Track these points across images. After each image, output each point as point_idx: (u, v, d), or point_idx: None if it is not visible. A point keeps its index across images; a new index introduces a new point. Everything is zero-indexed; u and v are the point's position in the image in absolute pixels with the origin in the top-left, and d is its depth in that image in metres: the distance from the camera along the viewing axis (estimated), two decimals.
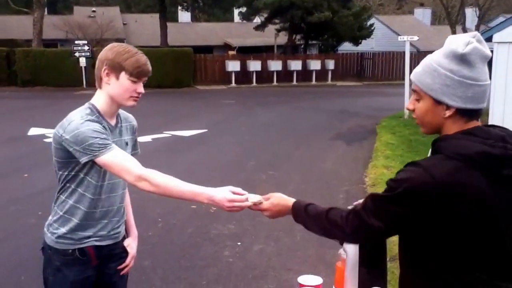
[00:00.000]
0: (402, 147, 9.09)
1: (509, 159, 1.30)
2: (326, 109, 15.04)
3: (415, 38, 12.90)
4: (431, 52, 1.48)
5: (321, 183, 6.69)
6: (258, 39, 28.38)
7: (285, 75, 24.73)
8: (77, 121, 1.89)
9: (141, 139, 10.07)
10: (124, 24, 30.62)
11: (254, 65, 23.97)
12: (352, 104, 16.43)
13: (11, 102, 16.35)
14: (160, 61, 22.01)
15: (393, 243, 1.91)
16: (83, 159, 1.87)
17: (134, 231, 2.34)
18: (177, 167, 7.64)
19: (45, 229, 2.05)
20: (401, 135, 10.31)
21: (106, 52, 1.98)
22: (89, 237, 2.01)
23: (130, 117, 2.21)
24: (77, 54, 21.11)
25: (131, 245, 2.25)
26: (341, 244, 1.71)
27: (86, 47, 21.13)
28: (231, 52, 27.03)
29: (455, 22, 14.57)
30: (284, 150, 9.06)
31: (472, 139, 1.32)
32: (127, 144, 2.11)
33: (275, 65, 24.36)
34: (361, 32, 26.99)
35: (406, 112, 13.05)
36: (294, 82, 24.67)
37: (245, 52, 26.32)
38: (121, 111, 2.12)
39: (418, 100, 1.44)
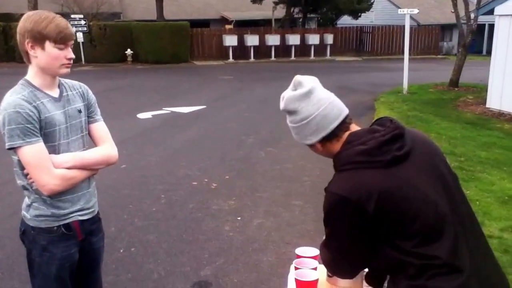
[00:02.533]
0: None
1: (381, 146, 1.46)
2: (324, 85, 14.67)
3: (415, 11, 12.87)
4: (431, 26, 1.58)
5: (320, 160, 6.82)
6: (256, 12, 28.14)
7: (283, 50, 24.66)
8: (6, 100, 1.87)
9: (141, 115, 10.33)
10: None
11: (252, 40, 23.88)
12: (350, 79, 16.49)
13: (9, 79, 16.26)
14: (158, 36, 21.96)
15: None
16: (6, 145, 1.86)
17: None
18: (177, 144, 7.80)
19: (24, 212, 2.05)
20: (399, 111, 10.44)
21: (24, 23, 1.89)
22: (71, 212, 2.03)
23: (77, 84, 2.13)
24: (74, 29, 20.96)
25: None
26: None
27: (83, 22, 21.00)
28: (228, 26, 26.84)
29: None
30: (282, 127, 9.09)
31: (348, 147, 1.50)
32: (80, 111, 2.06)
33: (273, 40, 24.26)
34: (361, 5, 26.80)
35: (405, 87, 13.15)
36: (292, 57, 24.62)
37: (242, 26, 26.16)
38: (66, 80, 2.09)
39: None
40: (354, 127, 1.58)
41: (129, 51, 21.80)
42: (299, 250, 2.03)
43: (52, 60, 1.92)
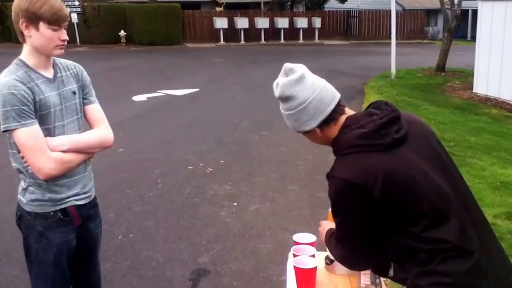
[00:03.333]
0: None
1: (380, 129, 1.41)
2: (314, 68, 14.53)
3: None
4: (416, 10, 1.49)
5: (312, 143, 6.73)
6: None
7: (273, 33, 24.29)
8: (1, 81, 1.78)
9: (136, 98, 10.11)
10: None
11: (242, 22, 23.46)
12: (339, 63, 16.30)
13: (5, 60, 15.83)
14: (151, 17, 21.48)
15: None
16: (1, 127, 1.78)
17: None
18: (172, 127, 7.63)
19: (20, 197, 1.96)
20: (388, 96, 10.32)
21: (19, 2, 1.83)
22: (67, 197, 1.94)
23: (71, 64, 2.04)
24: (68, 10, 20.42)
25: None
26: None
27: (77, 2, 20.39)
28: (218, 9, 26.35)
29: None
30: (275, 110, 8.87)
31: (347, 131, 1.45)
32: (74, 93, 1.97)
33: (262, 23, 23.84)
34: None
35: (393, 72, 13.02)
36: (282, 41, 24.27)
37: (232, 8, 25.68)
38: (61, 60, 2.00)
39: (306, 137, 1.62)
40: (349, 111, 1.55)
41: (122, 33, 21.29)
42: (296, 236, 1.98)
43: (46, 41, 1.84)
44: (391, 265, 1.49)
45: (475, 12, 24.60)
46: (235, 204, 4.60)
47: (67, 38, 1.89)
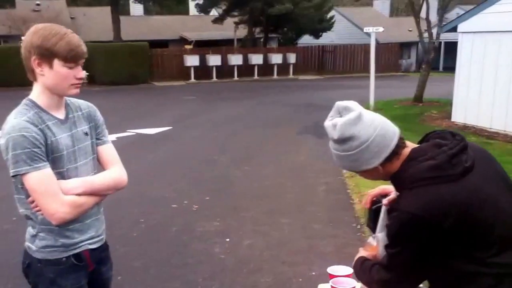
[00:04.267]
0: None
1: (451, 159, 1.44)
2: (290, 103, 15.29)
3: (381, 29, 13.31)
4: (390, 44, 1.58)
5: (298, 177, 6.86)
6: (216, 32, 28.31)
7: (246, 69, 24.84)
8: (10, 123, 1.75)
9: None
10: (71, 18, 29.74)
11: (214, 60, 23.94)
12: (315, 97, 16.76)
13: None
14: (114, 57, 21.67)
15: None
16: (10, 172, 1.75)
17: None
18: (148, 165, 7.61)
19: (29, 244, 1.92)
20: None
21: (31, 37, 1.77)
22: (81, 241, 1.93)
23: (83, 104, 2.01)
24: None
25: None
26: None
27: None
28: (187, 46, 26.82)
29: (419, 12, 15.05)
30: (254, 145, 9.20)
31: (414, 163, 1.46)
32: (87, 134, 1.95)
33: (235, 59, 24.42)
34: (322, 25, 27.51)
35: (371, 103, 13.47)
36: (256, 77, 24.83)
37: (202, 46, 26.21)
38: (72, 100, 1.97)
39: (361, 175, 1.62)
40: (409, 143, 1.56)
41: (84, 73, 21.28)
42: (331, 269, 1.99)
43: (60, 80, 1.80)
44: None
45: (447, 44, 25.90)
46: (227, 240, 4.60)
47: (83, 76, 1.86)
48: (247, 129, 11.02)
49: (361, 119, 1.49)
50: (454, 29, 11.03)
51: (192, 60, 23.53)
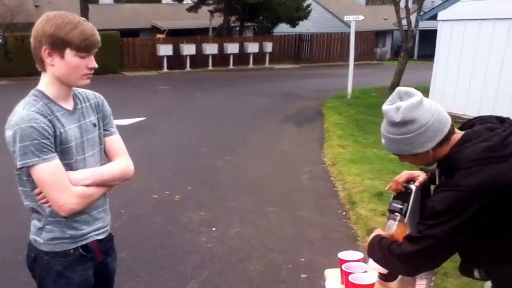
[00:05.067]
0: (351, 126, 9.54)
1: (503, 140, 1.58)
2: (269, 93, 15.34)
3: (361, 17, 13.43)
4: (366, 32, 1.68)
5: (282, 166, 6.92)
6: (190, 21, 28.03)
7: (221, 58, 24.71)
8: (19, 114, 1.73)
9: None
10: (36, 6, 28.99)
11: (188, 49, 23.71)
12: (294, 86, 16.85)
13: None
14: None
15: None
16: (18, 164, 1.73)
17: None
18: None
19: (34, 237, 1.91)
20: (347, 115, 10.79)
21: (42, 26, 1.73)
22: (89, 232, 1.93)
23: (91, 94, 2.00)
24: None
25: None
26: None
27: None
28: (160, 36, 26.52)
29: (399, 0, 15.21)
30: (235, 135, 9.21)
31: (469, 145, 1.59)
32: (95, 125, 1.96)
33: (210, 49, 24.24)
34: (299, 13, 27.52)
35: (349, 92, 13.65)
36: (231, 66, 24.74)
37: (175, 36, 25.95)
38: (80, 90, 1.96)
39: (407, 159, 1.73)
40: (458, 131, 1.68)
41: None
42: (342, 254, 2.02)
43: (71, 70, 1.78)
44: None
45: (422, 32, 26.33)
46: (214, 229, 4.63)
47: (95, 65, 1.81)
48: (227, 119, 11.01)
49: (422, 104, 1.60)
50: (432, 18, 11.22)
51: (165, 50, 23.28)
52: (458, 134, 1.65)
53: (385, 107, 1.65)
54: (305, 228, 4.60)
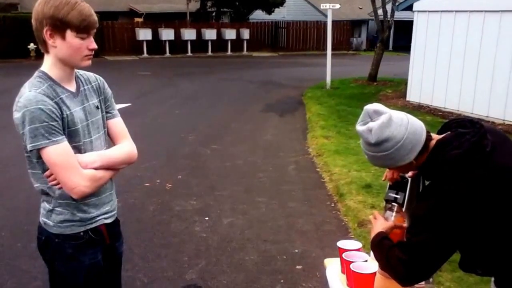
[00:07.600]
0: (333, 117, 9.62)
1: (475, 146, 1.59)
2: (249, 80, 15.31)
3: (337, 6, 13.39)
4: (342, 22, 1.70)
5: (268, 155, 6.97)
6: (167, 5, 27.61)
7: (200, 44, 24.51)
8: (26, 96, 1.72)
9: None
10: None
11: (167, 34, 23.44)
12: (273, 75, 16.86)
13: None
14: None
15: None
16: (28, 146, 1.73)
17: None
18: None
19: (44, 219, 1.91)
20: (328, 106, 10.87)
21: (42, 8, 1.73)
22: (97, 215, 1.93)
23: (92, 76, 2.00)
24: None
25: None
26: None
27: None
28: (138, 19, 26.05)
29: None
30: (219, 123, 9.20)
31: (442, 153, 1.61)
32: (97, 107, 1.94)
33: (189, 34, 24.00)
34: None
35: (328, 82, 13.73)
36: (209, 53, 24.58)
37: (153, 19, 25.52)
38: (81, 72, 1.96)
39: (394, 170, 1.87)
40: (434, 135, 1.70)
41: (32, 46, 20.27)
42: (341, 243, 2.07)
43: (73, 51, 1.78)
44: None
45: (397, 23, 26.55)
46: (207, 218, 4.65)
47: (96, 47, 1.83)
48: (210, 107, 10.97)
49: (392, 120, 1.62)
50: (408, 8, 11.29)
51: (144, 34, 22.95)
52: (434, 139, 1.67)
53: (358, 127, 1.67)
54: (296, 219, 4.67)
